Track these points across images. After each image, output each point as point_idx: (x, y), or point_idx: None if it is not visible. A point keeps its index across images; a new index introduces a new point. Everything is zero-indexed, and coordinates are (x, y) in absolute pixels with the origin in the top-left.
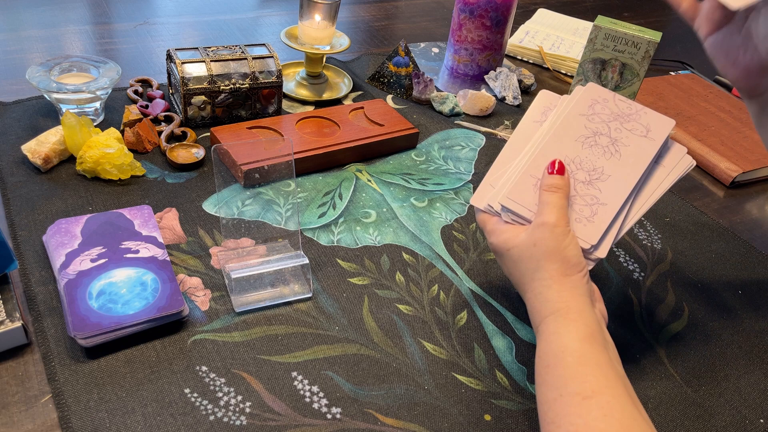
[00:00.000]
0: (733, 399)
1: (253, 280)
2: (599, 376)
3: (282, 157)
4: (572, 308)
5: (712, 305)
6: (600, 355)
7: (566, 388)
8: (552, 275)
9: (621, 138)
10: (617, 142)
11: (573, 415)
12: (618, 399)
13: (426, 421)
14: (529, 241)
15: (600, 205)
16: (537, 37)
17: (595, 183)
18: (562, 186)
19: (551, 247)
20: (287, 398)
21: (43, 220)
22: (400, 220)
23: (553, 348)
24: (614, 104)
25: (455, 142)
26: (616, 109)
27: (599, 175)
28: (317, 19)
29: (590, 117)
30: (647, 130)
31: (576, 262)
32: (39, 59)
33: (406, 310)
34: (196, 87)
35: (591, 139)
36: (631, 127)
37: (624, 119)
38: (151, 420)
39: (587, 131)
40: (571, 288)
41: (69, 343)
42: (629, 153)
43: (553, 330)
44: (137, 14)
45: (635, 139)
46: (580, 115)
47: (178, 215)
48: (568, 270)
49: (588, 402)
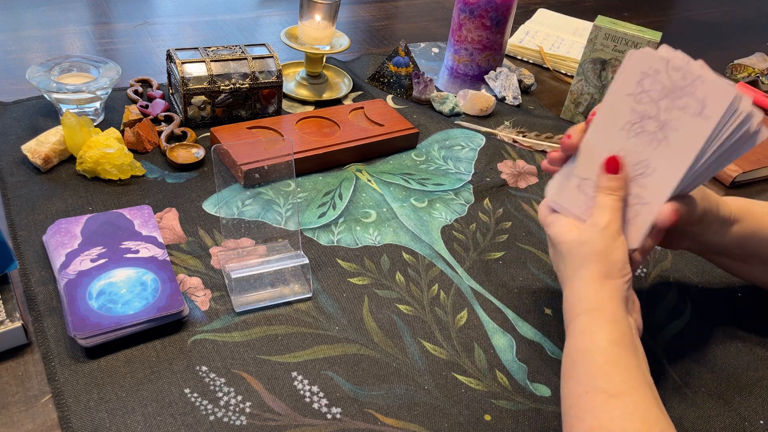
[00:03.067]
0: (733, 399)
1: (253, 280)
2: (626, 377)
3: (282, 157)
4: (606, 310)
5: (712, 305)
6: (629, 359)
7: (592, 384)
8: (594, 275)
9: (671, 120)
10: (666, 127)
11: (597, 410)
12: (644, 400)
13: (426, 421)
14: (578, 239)
15: (642, 205)
16: (537, 37)
17: (639, 180)
18: (617, 188)
19: (598, 249)
20: (287, 398)
21: (43, 220)
22: (400, 220)
23: (582, 345)
24: (666, 76)
25: (455, 142)
26: (669, 82)
27: (644, 170)
28: (317, 19)
29: (638, 97)
30: (702, 105)
31: (620, 267)
32: (39, 59)
33: (406, 310)
34: (196, 87)
35: (638, 125)
36: (683, 104)
37: (676, 94)
38: (151, 420)
39: (634, 115)
40: (609, 291)
41: (69, 343)
42: (678, 139)
43: (585, 328)
44: (137, 14)
45: (687, 120)
46: (627, 95)
47: (178, 215)
48: (610, 273)
49: (614, 400)
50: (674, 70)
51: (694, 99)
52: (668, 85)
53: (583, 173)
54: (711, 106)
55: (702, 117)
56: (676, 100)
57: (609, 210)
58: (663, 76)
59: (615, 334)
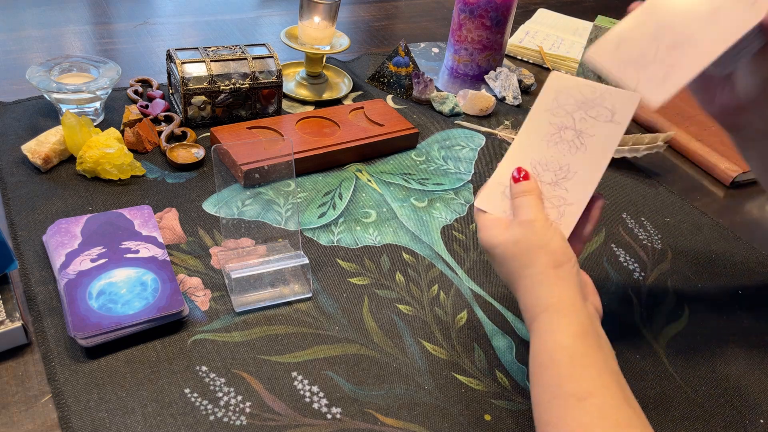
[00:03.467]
0: (733, 399)
1: (253, 280)
2: (594, 376)
3: (282, 157)
4: (564, 303)
5: (712, 305)
6: (594, 353)
7: (561, 389)
8: (541, 270)
9: (586, 129)
10: (582, 134)
11: (569, 417)
12: (614, 399)
13: (426, 421)
14: (511, 240)
15: (567, 206)
16: (537, 37)
17: (562, 183)
18: (530, 189)
19: (534, 242)
20: (287, 398)
21: (43, 220)
22: (400, 220)
23: (546, 347)
24: (578, 91)
25: (455, 142)
26: (580, 96)
27: (565, 174)
28: (317, 19)
29: (554, 111)
30: (612, 113)
31: (562, 252)
32: (39, 59)
33: (406, 310)
34: (196, 87)
35: (556, 136)
36: (595, 113)
37: (588, 106)
38: (151, 420)
39: (552, 128)
40: (560, 281)
41: (69, 343)
42: (594, 144)
43: (546, 328)
44: (137, 14)
45: (600, 126)
46: (545, 110)
47: (178, 215)
48: (556, 261)
49: (583, 404)
50: (585, 86)
51: (604, 108)
52: (580, 99)
53: (507, 180)
54: (619, 112)
55: (613, 122)
56: (589, 110)
57: (530, 206)
58: (575, 91)
59: (576, 327)
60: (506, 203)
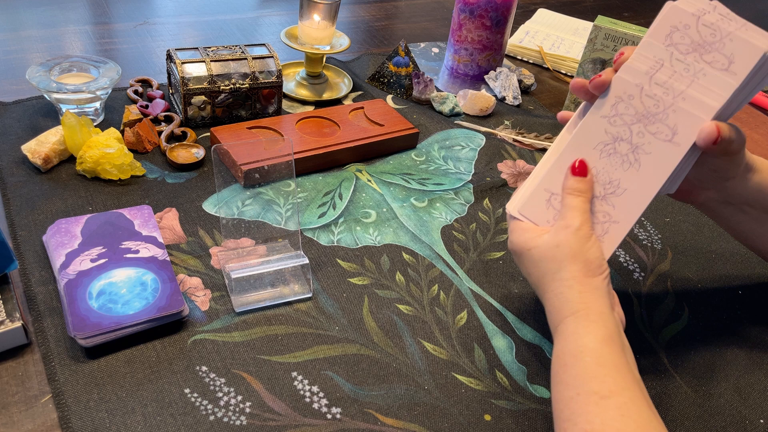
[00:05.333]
0: (733, 399)
1: (253, 280)
2: (617, 378)
3: (282, 157)
4: (593, 310)
5: (712, 305)
6: (618, 358)
7: (584, 387)
8: (574, 276)
9: (643, 144)
10: (638, 149)
11: (590, 414)
12: (635, 401)
13: (426, 421)
14: (551, 242)
15: (612, 224)
16: (537, 37)
17: (610, 198)
18: (584, 190)
19: (574, 249)
20: (287, 398)
21: (43, 220)
22: (400, 220)
23: (571, 348)
24: (639, 101)
25: (455, 142)
26: (642, 108)
27: (614, 189)
28: (317, 19)
29: (612, 119)
30: (673, 133)
31: (598, 264)
32: (39, 59)
33: (406, 310)
34: (196, 87)
35: (610, 146)
36: (655, 129)
37: (650, 120)
38: (151, 420)
39: (607, 137)
40: (592, 290)
41: (69, 343)
42: (649, 162)
43: (573, 330)
44: (137, 14)
45: (658, 145)
46: (602, 117)
47: (178, 215)
48: (590, 272)
49: (605, 402)
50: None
51: (665, 125)
52: (642, 111)
53: (555, 188)
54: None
55: (673, 143)
56: (649, 125)
57: (579, 211)
58: (636, 101)
59: (603, 332)
60: (551, 213)
